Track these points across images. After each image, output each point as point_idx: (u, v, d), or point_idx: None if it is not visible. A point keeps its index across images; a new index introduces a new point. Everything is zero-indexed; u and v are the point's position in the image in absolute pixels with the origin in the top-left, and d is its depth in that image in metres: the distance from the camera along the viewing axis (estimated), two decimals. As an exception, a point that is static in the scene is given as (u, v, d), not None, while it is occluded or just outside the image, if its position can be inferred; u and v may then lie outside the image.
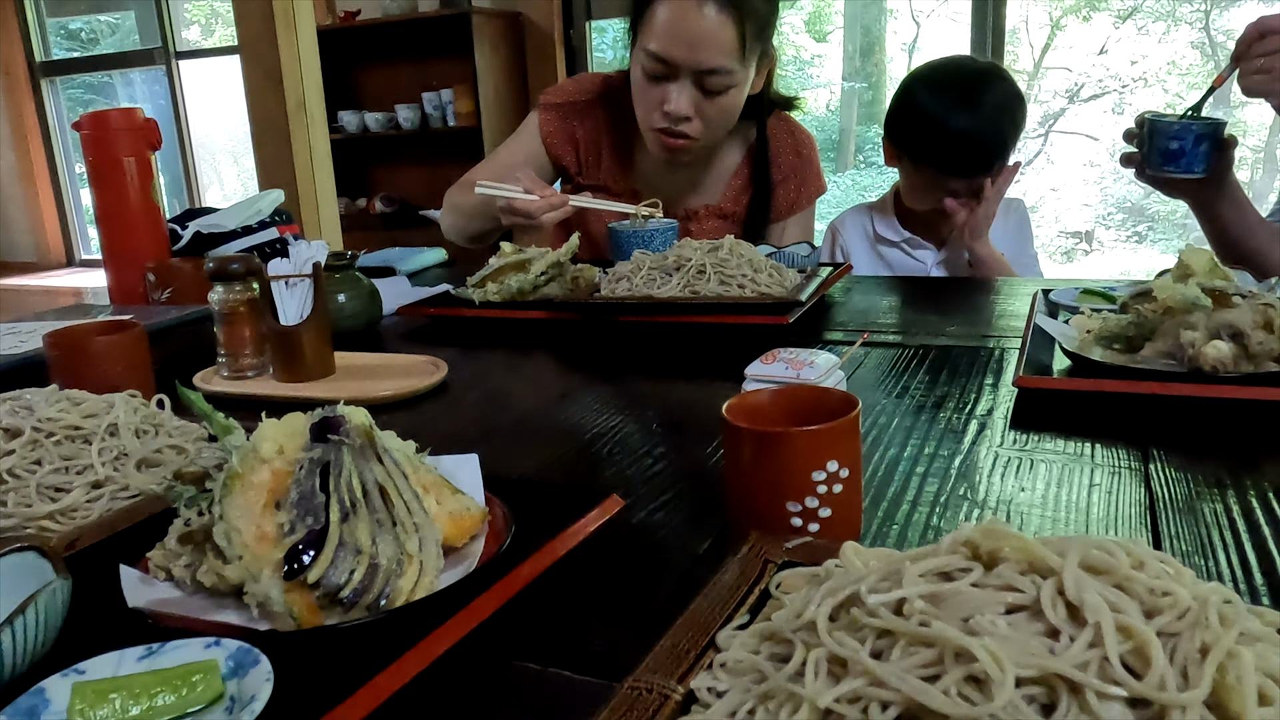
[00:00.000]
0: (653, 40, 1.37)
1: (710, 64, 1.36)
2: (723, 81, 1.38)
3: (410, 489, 0.54)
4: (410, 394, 0.96)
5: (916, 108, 1.50)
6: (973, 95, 1.47)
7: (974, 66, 1.55)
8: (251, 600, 0.49)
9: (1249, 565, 0.54)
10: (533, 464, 0.77)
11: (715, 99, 1.40)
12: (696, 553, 0.59)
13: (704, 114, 1.42)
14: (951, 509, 0.63)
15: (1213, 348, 0.73)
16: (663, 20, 1.36)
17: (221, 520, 0.50)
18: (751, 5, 1.35)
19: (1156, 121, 1.16)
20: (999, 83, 1.50)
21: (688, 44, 1.35)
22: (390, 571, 0.50)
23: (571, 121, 1.59)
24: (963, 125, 1.45)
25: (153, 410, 0.71)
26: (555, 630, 0.52)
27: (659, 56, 1.37)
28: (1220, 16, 4.55)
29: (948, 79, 1.50)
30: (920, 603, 0.33)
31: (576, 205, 1.38)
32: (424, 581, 0.51)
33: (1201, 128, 1.14)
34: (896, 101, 1.54)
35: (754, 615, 0.44)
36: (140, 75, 5.77)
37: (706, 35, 1.34)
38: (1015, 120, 1.51)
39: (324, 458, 0.53)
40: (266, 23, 2.81)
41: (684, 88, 1.39)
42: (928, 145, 1.49)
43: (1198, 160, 1.14)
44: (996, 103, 1.47)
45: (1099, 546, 0.33)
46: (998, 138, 1.48)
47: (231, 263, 1.02)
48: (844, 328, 1.14)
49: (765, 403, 0.59)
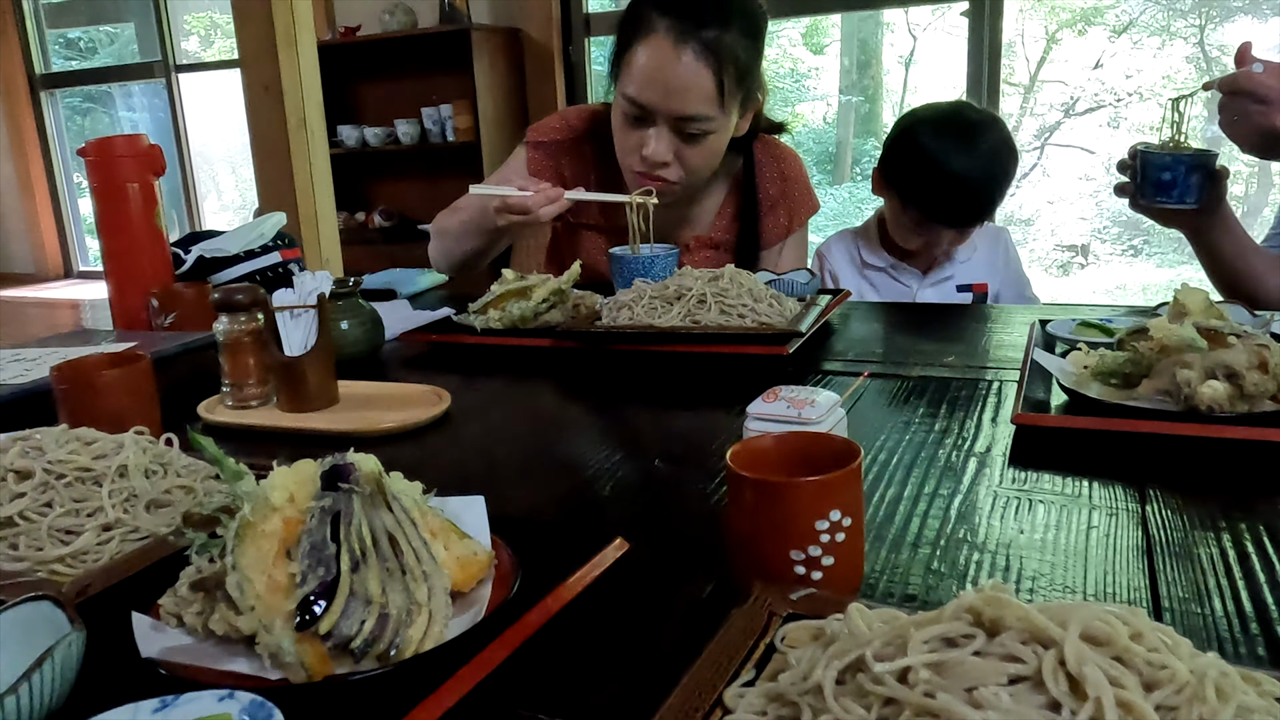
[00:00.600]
0: (630, 85, 1.38)
1: (687, 111, 1.36)
2: (701, 128, 1.38)
3: (419, 537, 0.55)
4: (414, 426, 0.96)
5: (915, 147, 1.51)
6: (971, 144, 1.49)
7: (975, 116, 1.56)
8: (263, 650, 0.50)
9: (1244, 612, 0.54)
10: (534, 501, 0.78)
11: (694, 145, 1.40)
12: (699, 596, 0.60)
13: (683, 159, 1.42)
14: (952, 551, 0.63)
15: (1208, 387, 0.75)
16: (640, 66, 1.36)
17: (234, 570, 0.51)
18: (730, 53, 1.35)
19: (1148, 153, 1.17)
20: (997, 136, 1.52)
21: (664, 90, 1.35)
22: (400, 621, 0.51)
23: (559, 160, 1.59)
24: (958, 171, 1.47)
25: (161, 449, 0.72)
26: (561, 678, 0.52)
27: (636, 101, 1.38)
28: (1215, 31, 4.58)
29: (949, 124, 1.52)
30: (925, 672, 0.34)
31: (572, 199, 1.37)
32: (433, 630, 0.52)
33: (1193, 159, 1.14)
34: (894, 137, 1.56)
35: (760, 670, 0.45)
36: (139, 87, 5.79)
37: (683, 82, 1.34)
38: (1008, 175, 1.53)
39: (334, 507, 0.54)
40: (267, 40, 2.82)
41: (662, 133, 1.39)
42: (919, 188, 1.51)
43: (1190, 191, 1.15)
44: (992, 156, 1.49)
45: (1098, 617, 0.34)
46: (988, 192, 1.51)
47: (236, 293, 1.03)
48: (842, 357, 1.15)
49: (768, 449, 0.60)
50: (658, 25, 1.34)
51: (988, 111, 1.61)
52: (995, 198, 1.52)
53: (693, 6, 1.34)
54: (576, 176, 1.59)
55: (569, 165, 1.59)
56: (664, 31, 1.34)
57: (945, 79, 4.76)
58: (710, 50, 1.33)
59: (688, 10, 1.33)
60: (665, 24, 1.34)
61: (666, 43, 1.33)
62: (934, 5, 4.27)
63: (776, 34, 5.05)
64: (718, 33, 1.33)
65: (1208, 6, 4.60)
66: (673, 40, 1.33)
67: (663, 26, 1.34)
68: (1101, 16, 4.76)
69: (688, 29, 1.33)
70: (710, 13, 1.34)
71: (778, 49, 5.13)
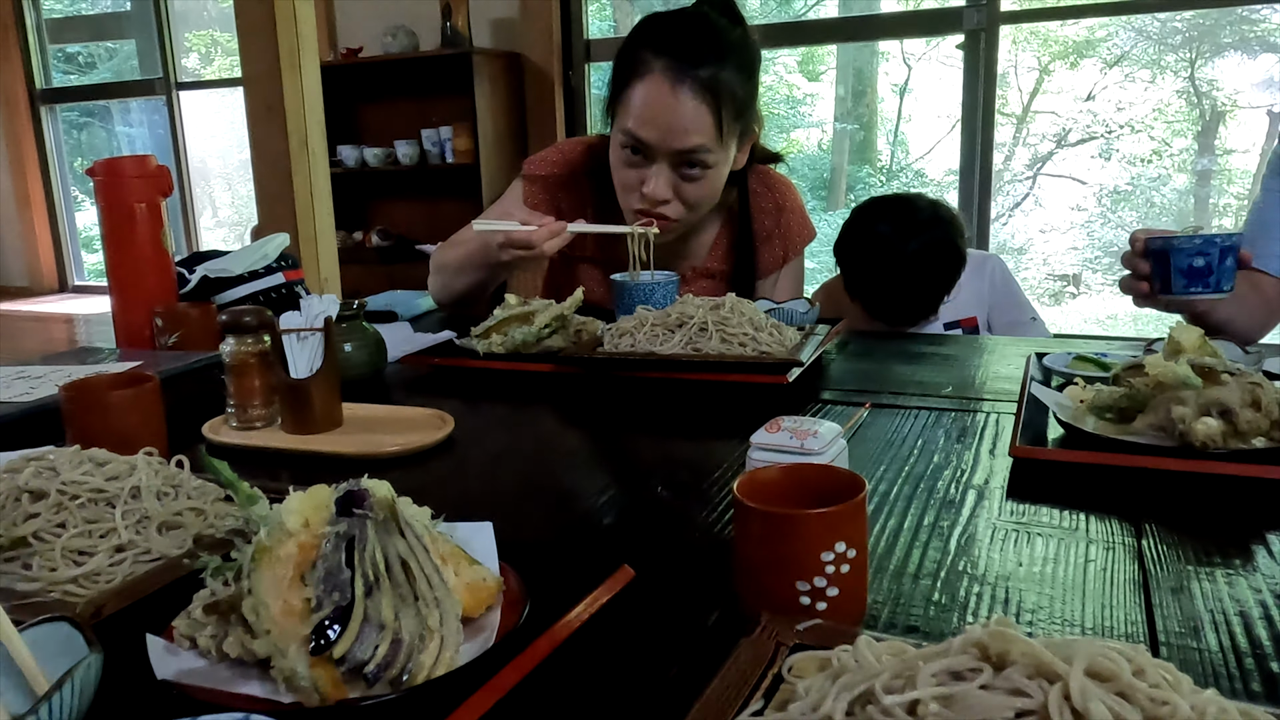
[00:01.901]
0: (629, 123, 1.39)
1: (686, 145, 1.37)
2: (700, 161, 1.39)
3: (431, 562, 0.56)
4: (417, 449, 0.97)
5: (851, 245, 1.58)
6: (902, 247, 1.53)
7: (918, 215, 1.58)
8: (278, 674, 0.50)
9: (1239, 647, 0.56)
10: (538, 527, 0.79)
11: (694, 182, 1.42)
12: (705, 624, 0.61)
13: (683, 196, 1.43)
14: (952, 583, 0.65)
15: (1203, 424, 0.76)
16: (638, 103, 1.37)
17: (250, 595, 0.51)
18: (728, 88, 1.36)
19: (1174, 241, 1.08)
20: (937, 235, 1.55)
21: (663, 128, 1.37)
22: (413, 646, 0.52)
23: (556, 194, 1.60)
24: (891, 281, 1.53)
25: (172, 471, 0.73)
26: (569, 706, 0.53)
27: (635, 138, 1.39)
28: (1205, 66, 4.66)
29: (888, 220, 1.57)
30: (934, 705, 0.35)
31: (575, 231, 1.39)
32: (445, 656, 0.53)
33: (1227, 242, 1.07)
34: (843, 229, 1.62)
35: (768, 700, 0.46)
36: (138, 103, 5.81)
37: (682, 120, 1.35)
38: (943, 278, 1.57)
39: (349, 532, 0.54)
40: (271, 60, 2.85)
41: (661, 170, 1.40)
42: (859, 290, 1.57)
43: (1226, 277, 1.08)
44: (926, 259, 1.53)
45: (1103, 654, 0.35)
46: (925, 299, 1.56)
47: (245, 315, 1.04)
48: (841, 386, 1.17)
49: (775, 479, 0.61)
50: (654, 65, 1.36)
51: (931, 209, 1.60)
52: (933, 301, 1.57)
53: (688, 46, 1.35)
54: (574, 210, 1.59)
55: (565, 199, 1.60)
56: (661, 70, 1.35)
57: (939, 108, 4.82)
58: (707, 88, 1.35)
59: (684, 50, 1.35)
60: (662, 64, 1.35)
61: (664, 81, 1.35)
62: (928, 39, 4.33)
63: (773, 61, 5.11)
64: (714, 70, 1.35)
65: (1198, 42, 4.68)
66: (670, 79, 1.35)
67: (659, 66, 1.35)
68: (1094, 49, 4.83)
69: (684, 68, 1.34)
70: (706, 51, 1.35)
71: (774, 75, 5.19)
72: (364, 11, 4.25)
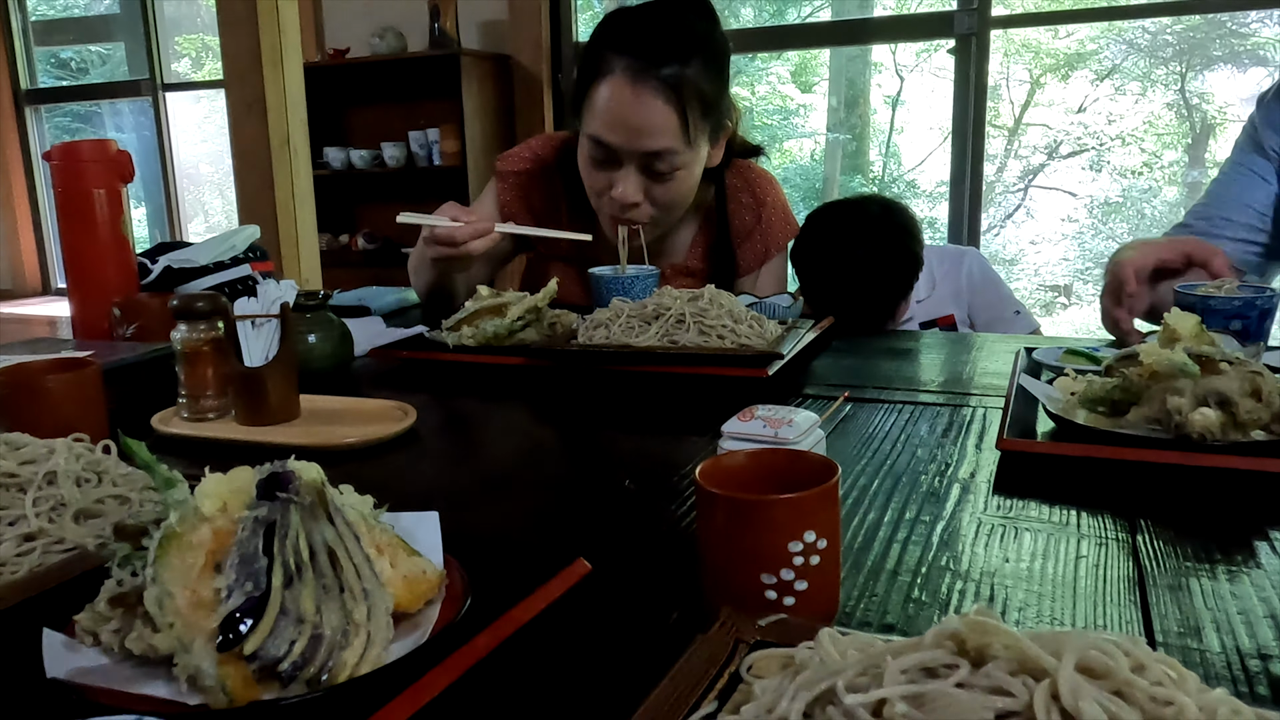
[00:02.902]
0: (593, 126, 1.35)
1: (652, 148, 1.33)
2: (669, 164, 1.35)
3: (361, 552, 0.51)
4: (376, 441, 0.92)
5: (804, 248, 1.53)
6: (850, 250, 1.48)
7: (868, 222, 1.54)
8: (182, 672, 0.45)
9: (1242, 648, 0.51)
10: (497, 521, 0.74)
11: (664, 182, 1.38)
12: (666, 622, 0.56)
13: (653, 198, 1.40)
14: (933, 580, 0.60)
15: (1200, 415, 0.72)
16: (601, 107, 1.34)
17: (154, 584, 0.46)
18: (693, 86, 1.32)
19: (1210, 301, 0.99)
20: (884, 241, 1.50)
21: (627, 130, 1.33)
22: (334, 643, 0.47)
23: (529, 191, 1.56)
24: (838, 283, 1.48)
25: (98, 456, 0.68)
26: (508, 707, 0.48)
27: (600, 142, 1.35)
28: (1195, 79, 4.65)
29: (839, 226, 1.52)
30: (902, 705, 0.31)
31: (504, 232, 1.34)
32: (371, 654, 0.48)
33: (1267, 302, 1.00)
34: (800, 234, 1.57)
35: (723, 701, 0.41)
36: (128, 106, 5.76)
37: (646, 121, 1.31)
38: (891, 283, 1.51)
39: (270, 517, 0.49)
40: (253, 57, 2.80)
41: (629, 174, 1.37)
42: (810, 289, 1.52)
43: (1263, 337, 1.01)
44: (872, 264, 1.48)
45: (1096, 646, 0.31)
46: (879, 302, 1.50)
47: (196, 300, 0.99)
48: (823, 382, 1.12)
49: (741, 466, 0.56)
50: (615, 65, 1.32)
51: (883, 214, 1.55)
52: (887, 307, 1.52)
53: (649, 44, 1.31)
54: (547, 208, 1.56)
55: (538, 197, 1.56)
56: (622, 71, 1.31)
57: (931, 120, 4.81)
58: (671, 87, 1.30)
59: (645, 48, 1.30)
60: (623, 63, 1.31)
61: (626, 82, 1.31)
62: (920, 43, 4.32)
63: (766, 71, 5.09)
64: (678, 68, 1.31)
65: (1188, 55, 4.68)
66: (631, 79, 1.30)
67: (620, 66, 1.31)
68: (1084, 62, 4.82)
69: (646, 67, 1.30)
70: (669, 48, 1.31)
71: (767, 86, 5.17)
72: (351, 12, 4.20)
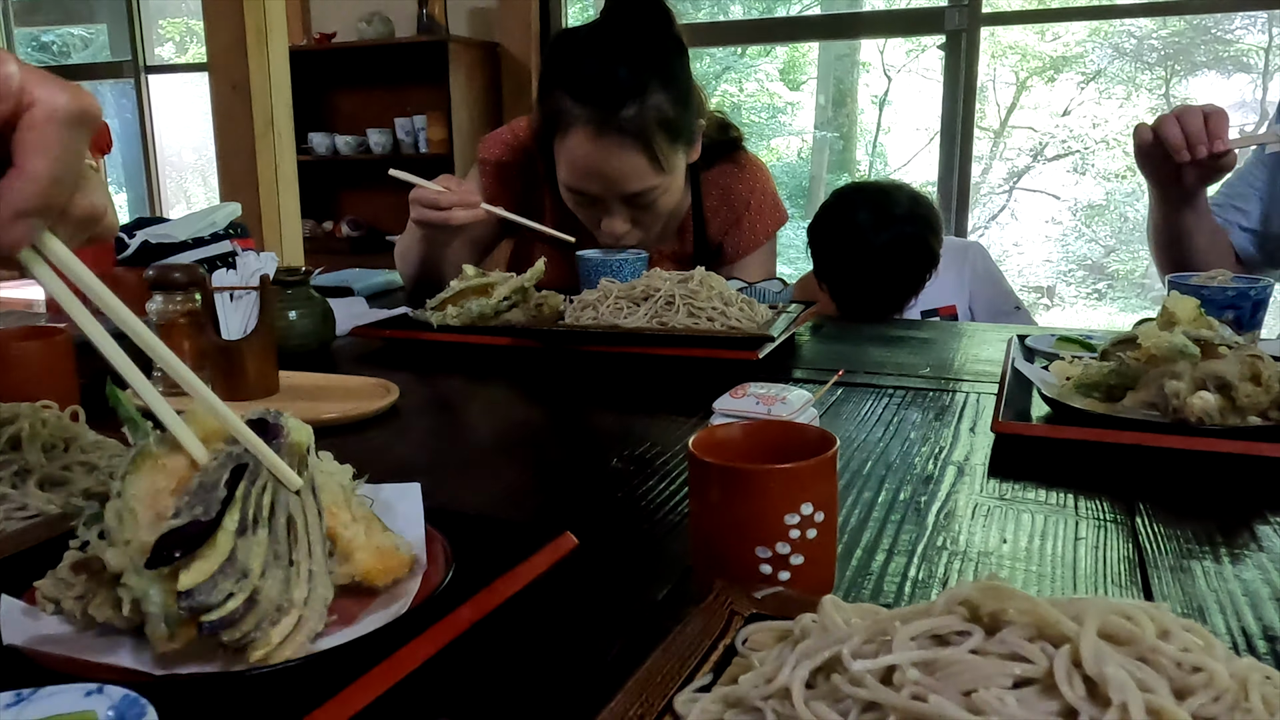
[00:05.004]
0: (569, 178, 1.35)
1: (630, 190, 1.33)
2: (649, 197, 1.35)
3: (321, 534, 0.48)
4: (357, 417, 0.90)
5: (825, 236, 1.54)
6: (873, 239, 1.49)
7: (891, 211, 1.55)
8: (126, 594, 0.43)
9: (1248, 630, 0.50)
10: (482, 497, 0.72)
11: (649, 209, 1.38)
12: (655, 599, 0.54)
13: (642, 224, 1.40)
14: (930, 559, 0.58)
15: (1199, 399, 0.71)
16: (571, 160, 1.32)
17: (118, 498, 0.44)
18: (656, 119, 1.28)
19: (1203, 291, 0.99)
20: (906, 231, 1.51)
21: (602, 180, 1.32)
22: (267, 613, 0.44)
23: (511, 178, 1.54)
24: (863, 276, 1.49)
25: (66, 424, 0.65)
26: (492, 683, 0.46)
27: (579, 193, 1.36)
28: (1179, 84, 4.68)
29: (863, 209, 1.53)
30: (914, 671, 0.29)
31: (490, 211, 1.33)
32: (296, 638, 0.44)
33: (1259, 291, 1.00)
34: (815, 225, 1.59)
35: (717, 675, 0.39)
36: (110, 90, 5.67)
37: (619, 169, 1.30)
38: (914, 273, 1.52)
39: (244, 458, 0.46)
40: (237, 38, 2.76)
41: (614, 209, 1.37)
42: (832, 282, 1.52)
43: (1258, 327, 1.01)
44: (895, 253, 1.49)
45: (1119, 611, 0.29)
46: (896, 292, 1.52)
47: (173, 271, 0.96)
48: (814, 366, 1.11)
49: (736, 437, 0.55)
50: (576, 117, 1.29)
51: (910, 204, 1.55)
52: (897, 299, 1.53)
53: (605, 90, 1.27)
54: (529, 192, 1.54)
55: (521, 182, 1.54)
56: (584, 123, 1.28)
57: (918, 120, 4.81)
58: (634, 129, 1.27)
59: (601, 95, 1.27)
60: (584, 114, 1.28)
61: (590, 134, 1.28)
62: (909, 42, 4.32)
63: (754, 68, 5.08)
64: (638, 106, 1.27)
65: (1173, 60, 4.70)
66: (595, 130, 1.28)
67: (582, 118, 1.28)
68: (1070, 65, 4.84)
69: (606, 117, 1.27)
70: (625, 89, 1.27)
71: (755, 83, 5.16)
72: (339, -4, 4.16)
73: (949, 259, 1.61)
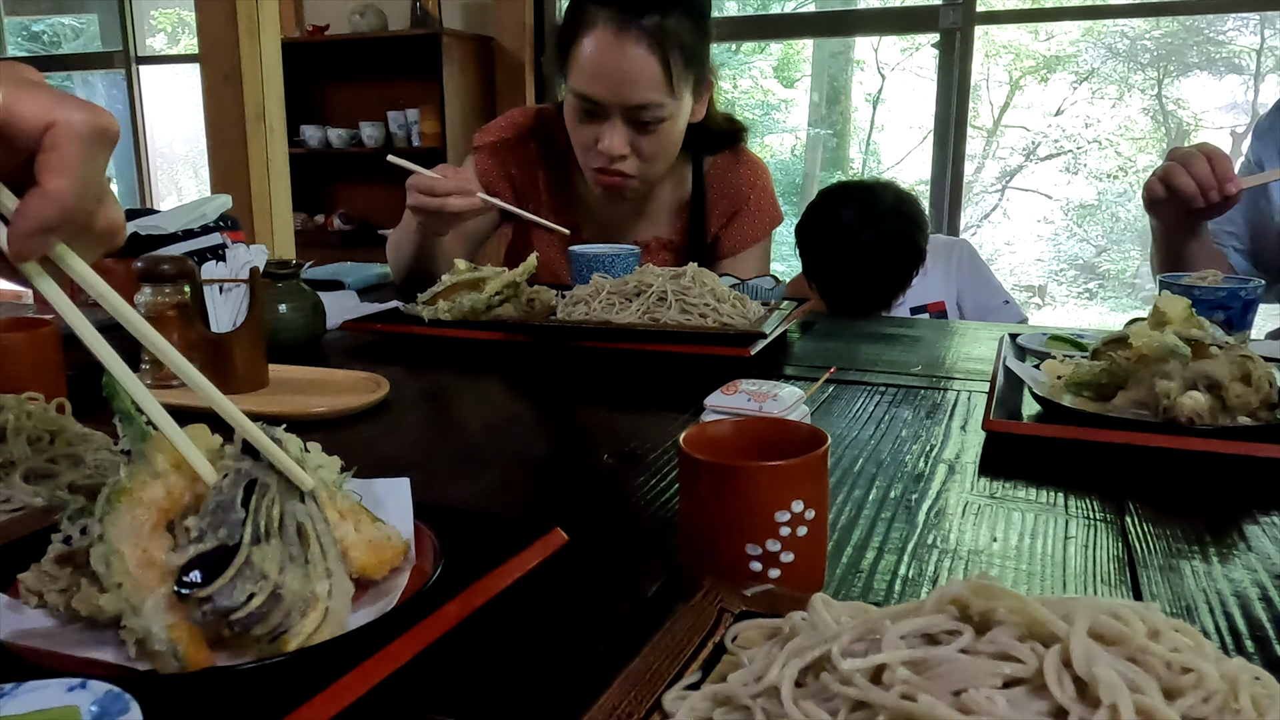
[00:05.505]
0: (578, 80, 1.35)
1: (637, 100, 1.33)
2: (654, 115, 1.35)
3: (330, 536, 0.48)
4: (346, 412, 0.89)
5: (812, 233, 1.55)
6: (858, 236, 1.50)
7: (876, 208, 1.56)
8: (129, 636, 0.42)
9: (1237, 630, 0.50)
10: (471, 493, 0.72)
11: (650, 134, 1.37)
12: (644, 595, 0.54)
13: (640, 150, 1.39)
14: (921, 557, 0.58)
15: (1189, 398, 0.71)
16: (585, 59, 1.33)
17: (101, 541, 0.43)
18: (675, 35, 1.32)
19: (1195, 291, 1.00)
20: (891, 229, 1.52)
21: (612, 82, 1.32)
22: (294, 606, 0.44)
23: (505, 160, 1.55)
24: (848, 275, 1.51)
25: (53, 416, 0.64)
26: (480, 680, 0.46)
27: (585, 96, 1.35)
28: (1171, 85, 4.70)
29: (848, 206, 1.54)
30: (904, 671, 0.29)
31: (488, 202, 1.33)
32: (326, 629, 0.45)
33: (1249, 292, 1.01)
34: (803, 223, 1.59)
35: (706, 672, 0.39)
36: (101, 80, 5.63)
37: (630, 71, 1.31)
38: (899, 270, 1.53)
39: (253, 473, 0.46)
40: (229, 30, 2.74)
41: (616, 126, 1.36)
42: (819, 279, 1.53)
43: (1248, 327, 1.02)
44: (880, 251, 1.50)
45: (1109, 611, 0.29)
46: (883, 289, 1.51)
47: (162, 263, 0.95)
48: (805, 363, 1.11)
49: (726, 434, 0.54)
50: (598, 18, 1.32)
51: (895, 202, 1.56)
52: (884, 296, 1.54)
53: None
54: (525, 176, 1.55)
55: (515, 165, 1.56)
56: (604, 23, 1.31)
57: (912, 119, 4.82)
58: (653, 36, 1.30)
59: (626, 0, 1.30)
60: (605, 15, 1.31)
61: (608, 34, 1.31)
62: (904, 40, 4.32)
63: (748, 65, 5.08)
64: (659, 18, 1.31)
65: (1165, 61, 4.72)
66: (614, 31, 1.30)
67: (603, 18, 1.31)
68: (1063, 65, 4.86)
69: (628, 18, 1.30)
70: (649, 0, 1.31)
71: (749, 80, 5.16)
72: (332, -12, 4.13)
73: (936, 256, 1.61)
